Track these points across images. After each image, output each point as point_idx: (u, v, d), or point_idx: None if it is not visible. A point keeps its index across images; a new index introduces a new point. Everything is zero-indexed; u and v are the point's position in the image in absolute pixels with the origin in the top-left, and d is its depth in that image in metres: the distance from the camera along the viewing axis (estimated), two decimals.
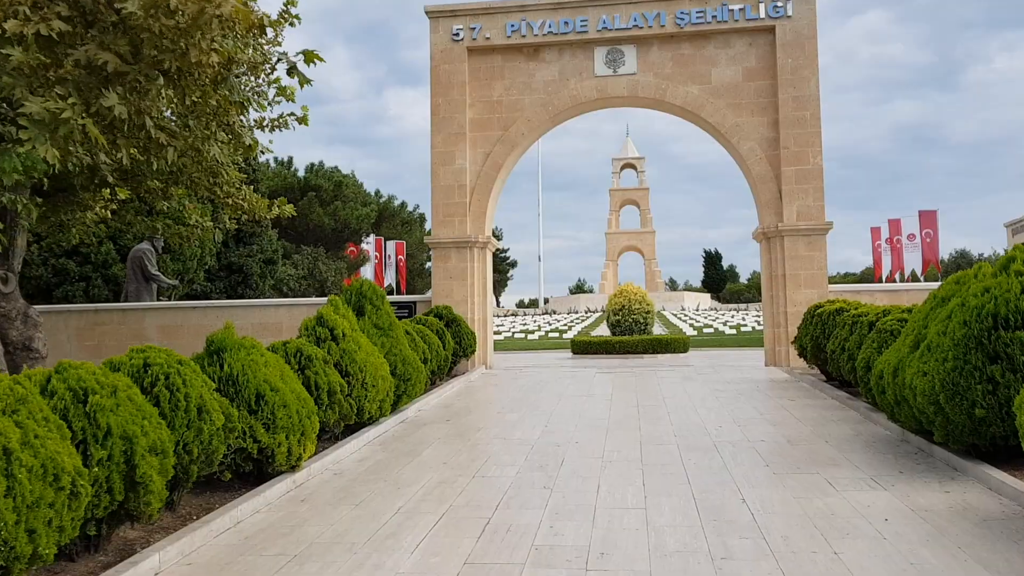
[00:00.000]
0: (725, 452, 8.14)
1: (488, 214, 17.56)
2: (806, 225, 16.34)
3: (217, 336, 7.23)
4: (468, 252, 17.30)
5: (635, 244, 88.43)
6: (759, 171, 16.77)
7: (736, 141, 16.88)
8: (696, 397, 12.24)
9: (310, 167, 54.22)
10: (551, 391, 13.45)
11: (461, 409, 11.67)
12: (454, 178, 17.41)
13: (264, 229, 36.68)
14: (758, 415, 10.47)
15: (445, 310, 15.83)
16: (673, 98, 17.06)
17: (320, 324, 9.46)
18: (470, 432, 9.69)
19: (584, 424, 10.05)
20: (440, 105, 17.53)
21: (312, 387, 8.22)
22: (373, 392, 9.31)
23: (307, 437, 7.28)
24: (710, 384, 13.97)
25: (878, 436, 8.77)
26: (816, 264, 16.38)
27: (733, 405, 11.37)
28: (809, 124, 16.53)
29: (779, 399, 11.84)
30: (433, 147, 17.51)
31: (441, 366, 13.73)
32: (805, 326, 13.64)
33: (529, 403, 12.05)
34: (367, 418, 9.39)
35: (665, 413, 10.79)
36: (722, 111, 16.95)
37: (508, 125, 17.51)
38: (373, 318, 10.33)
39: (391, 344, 10.32)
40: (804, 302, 16.24)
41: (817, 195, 16.45)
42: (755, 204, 17.38)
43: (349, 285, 10.60)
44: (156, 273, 19.74)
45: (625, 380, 14.81)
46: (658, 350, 25.27)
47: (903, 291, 16.46)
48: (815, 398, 11.80)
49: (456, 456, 8.29)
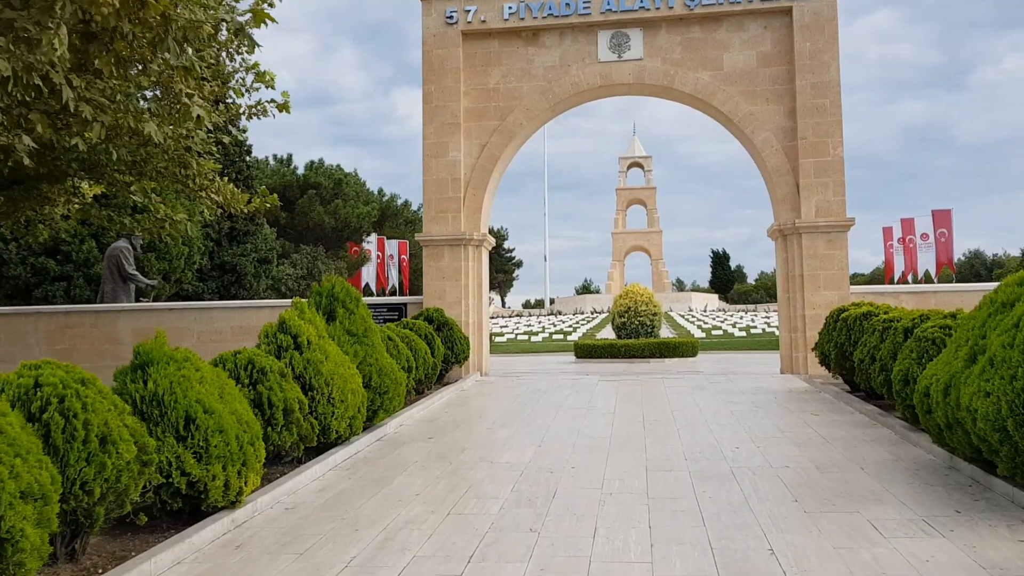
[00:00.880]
0: (745, 482, 6.97)
1: (484, 210, 16.41)
2: (825, 221, 15.13)
3: (145, 347, 6.10)
4: (462, 250, 16.15)
5: (642, 244, 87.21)
6: (775, 163, 15.58)
7: (750, 131, 15.69)
8: (708, 410, 11.07)
9: (310, 164, 53.16)
10: (549, 402, 12.29)
11: (447, 424, 10.52)
12: (447, 171, 16.26)
13: (259, 227, 35.59)
14: (779, 433, 9.29)
15: (436, 313, 14.69)
16: (682, 85, 15.88)
17: (282, 331, 8.33)
18: (453, 453, 8.54)
19: (583, 444, 8.88)
20: (432, 93, 16.38)
21: (265, 405, 7.08)
22: (341, 408, 8.17)
23: (250, 467, 6.13)
24: (723, 394, 12.79)
25: (921, 462, 7.59)
26: (836, 264, 15.18)
27: (750, 420, 10.19)
28: (829, 112, 15.33)
29: (800, 413, 10.66)
30: (425, 138, 16.37)
31: (429, 374, 12.59)
32: (827, 331, 12.44)
33: (523, 417, 10.90)
34: (335, 438, 8.24)
35: (674, 430, 9.62)
36: (735, 99, 15.76)
37: (505, 114, 16.35)
38: (346, 323, 9.18)
39: (366, 352, 9.18)
40: (823, 305, 15.05)
41: (837, 189, 15.25)
42: (770, 199, 16.19)
43: (320, 287, 9.46)
44: (133, 272, 18.64)
45: (630, 389, 13.64)
46: (665, 354, 24.09)
47: (930, 293, 15.25)
48: (841, 412, 10.61)
49: (432, 485, 7.14)
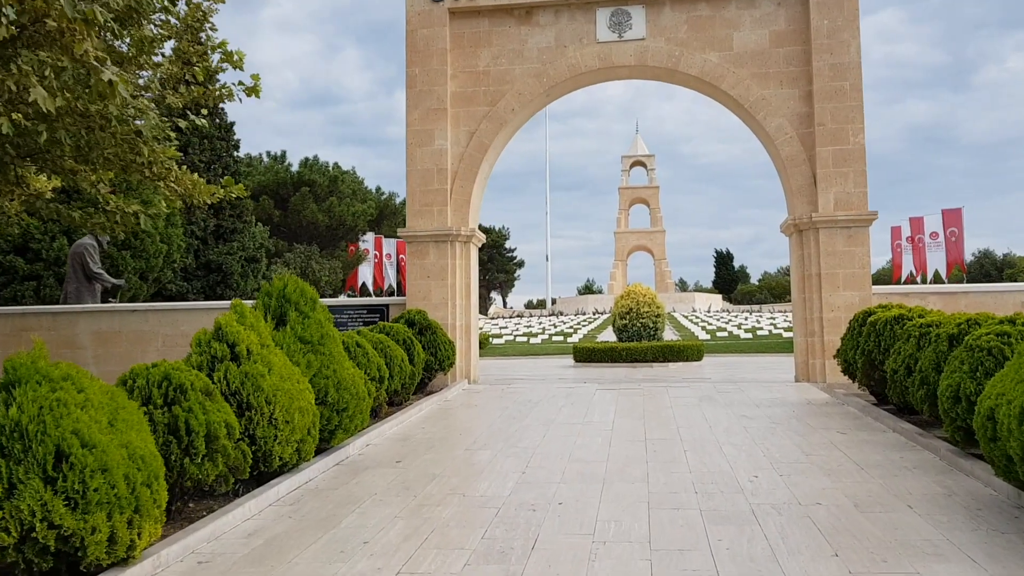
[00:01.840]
0: (770, 525, 5.66)
1: (473, 203, 15.11)
2: (845, 215, 13.82)
3: (15, 361, 4.82)
4: (449, 247, 14.85)
5: (645, 244, 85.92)
6: (789, 152, 14.26)
7: (762, 117, 14.37)
8: (719, 427, 9.75)
9: (304, 161, 51.89)
10: (540, 416, 10.99)
11: (422, 443, 9.22)
12: (432, 161, 14.97)
13: (247, 225, 34.32)
14: (803, 456, 7.98)
15: (418, 315, 13.39)
16: (688, 67, 14.57)
17: (218, 338, 7.05)
18: (420, 483, 7.24)
19: (574, 470, 7.58)
20: (417, 76, 15.09)
21: (182, 431, 5.79)
22: (286, 430, 6.87)
23: (145, 514, 4.84)
24: (734, 407, 11.48)
25: (981, 498, 6.28)
26: (857, 261, 13.86)
27: (768, 440, 8.88)
28: (849, 96, 14.02)
29: (825, 431, 9.34)
30: (408, 125, 15.08)
31: (406, 384, 11.29)
32: (852, 337, 11.13)
33: (509, 435, 9.59)
34: (279, 465, 6.95)
35: (681, 452, 8.31)
36: (745, 82, 14.45)
37: (496, 99, 15.05)
38: (298, 329, 7.88)
39: (321, 363, 7.88)
40: (843, 307, 13.74)
41: (859, 180, 13.93)
42: (784, 191, 14.88)
43: (269, 286, 8.15)
44: (99, 271, 17.35)
45: (631, 400, 12.33)
46: (669, 358, 22.77)
47: (960, 293, 13.93)
48: (871, 431, 9.29)
49: (387, 528, 5.84)
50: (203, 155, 32.43)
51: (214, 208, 32.87)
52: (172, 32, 12.65)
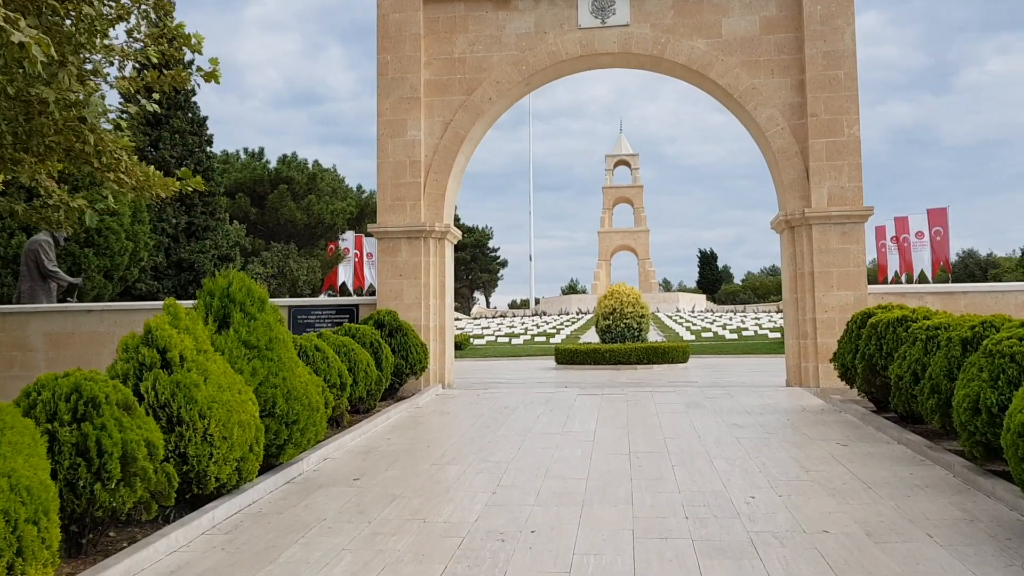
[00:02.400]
0: (772, 560, 4.92)
1: (448, 197, 14.31)
2: (840, 211, 13.13)
3: None
4: (422, 244, 14.05)
5: (628, 243, 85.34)
6: (781, 144, 13.56)
7: (752, 108, 13.67)
8: (709, 437, 9.01)
9: (282, 158, 50.86)
10: (516, 425, 10.22)
11: (386, 456, 8.42)
12: (405, 152, 14.16)
13: (220, 222, 33.35)
14: (802, 472, 7.25)
15: (388, 316, 12.58)
16: (675, 55, 13.84)
17: (147, 343, 6.23)
18: (378, 505, 6.45)
19: (550, 489, 6.81)
20: (388, 63, 14.28)
21: (92, 452, 4.97)
22: (223, 447, 6.06)
23: (31, 557, 4.02)
24: (724, 414, 10.75)
25: (1008, 523, 5.56)
26: (852, 259, 13.18)
27: (762, 452, 8.15)
28: (843, 86, 13.33)
29: (823, 443, 8.62)
30: (380, 115, 14.26)
31: (373, 390, 10.49)
32: (849, 340, 10.43)
33: (482, 446, 8.81)
34: (215, 487, 6.14)
35: (668, 467, 7.56)
36: (735, 71, 13.73)
37: (472, 88, 14.26)
38: (243, 332, 7.06)
39: (269, 370, 7.07)
40: (837, 307, 13.05)
41: (853, 173, 13.25)
42: (775, 186, 14.19)
43: (211, 284, 7.32)
44: (54, 269, 16.44)
45: (614, 407, 11.58)
46: (654, 360, 22.08)
47: (960, 293, 13.27)
48: (874, 442, 8.58)
49: (332, 564, 5.05)
50: (174, 150, 31.45)
51: (185, 205, 31.91)
52: (123, 12, 11.77)
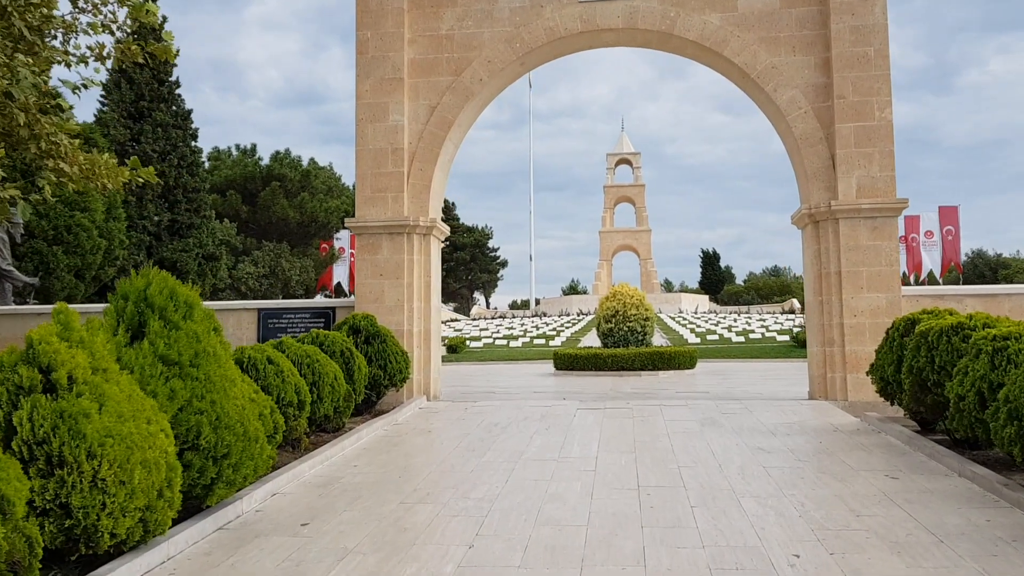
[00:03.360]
0: None
1: (434, 189, 12.95)
2: (870, 203, 11.77)
3: None
4: (405, 240, 12.69)
5: (630, 243, 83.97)
6: (803, 129, 12.20)
7: (771, 89, 12.30)
8: (731, 466, 7.64)
9: (275, 155, 49.46)
10: (506, 447, 8.85)
11: (347, 491, 7.05)
12: (387, 139, 12.80)
13: (205, 220, 31.94)
14: (852, 517, 5.88)
15: (364, 321, 11.22)
16: (685, 31, 12.47)
17: (28, 361, 4.88)
18: (324, 563, 5.08)
19: (542, 541, 5.44)
20: (368, 41, 12.92)
21: None
22: (121, 495, 4.71)
23: None
24: (745, 434, 9.38)
25: None
26: (884, 257, 11.81)
27: (798, 488, 6.77)
28: (873, 64, 11.97)
29: (870, 474, 7.25)
30: (358, 97, 12.90)
31: (341, 407, 9.11)
32: (891, 349, 9.06)
33: (462, 478, 7.44)
34: (111, 544, 4.77)
35: (686, 508, 6.19)
36: (752, 48, 12.37)
37: (461, 68, 12.90)
38: (160, 344, 5.69)
39: (193, 391, 5.70)
40: (867, 311, 11.69)
41: (885, 161, 11.89)
42: (796, 177, 12.82)
43: (126, 285, 5.94)
44: (8, 268, 15.10)
45: (619, 425, 10.21)
46: (659, 366, 20.71)
47: (1004, 296, 11.90)
48: (930, 474, 7.20)
49: None
50: (156, 144, 30.07)
51: (168, 201, 30.56)
52: None
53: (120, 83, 30.59)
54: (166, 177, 30.36)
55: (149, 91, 30.87)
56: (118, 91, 30.41)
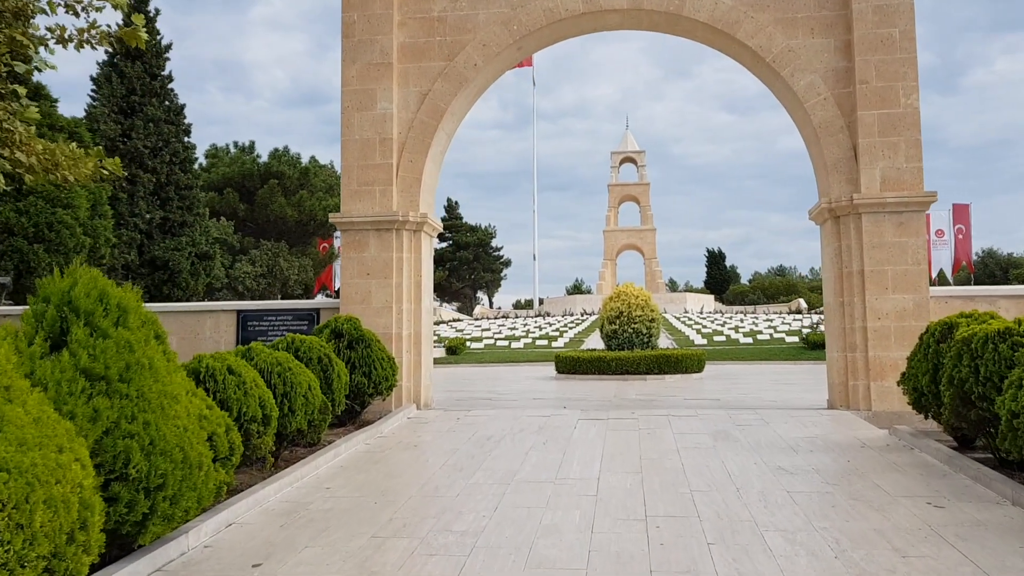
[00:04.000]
0: None
1: (425, 182, 12.10)
2: (896, 196, 10.88)
3: None
4: (394, 237, 11.83)
5: (634, 242, 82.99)
6: (823, 117, 11.31)
7: (788, 74, 11.42)
8: (751, 491, 6.76)
9: (274, 152, 48.61)
10: (498, 466, 7.98)
11: (314, 520, 6.19)
12: (374, 128, 11.95)
13: (198, 218, 31.14)
14: (898, 559, 5.00)
15: (347, 324, 10.37)
16: (695, 11, 11.59)
17: None
18: None
19: None
20: (355, 23, 12.07)
21: None
22: (17, 542, 3.85)
23: None
24: (763, 451, 8.50)
25: None
26: (911, 255, 10.93)
27: (830, 520, 5.89)
28: (899, 47, 11.08)
29: (910, 501, 6.36)
30: (344, 83, 12.05)
31: (316, 420, 8.25)
32: (925, 357, 8.17)
33: (447, 504, 6.57)
34: None
35: (702, 547, 5.32)
36: (767, 29, 11.49)
37: (454, 52, 12.05)
38: (83, 356, 4.84)
39: (121, 412, 4.84)
40: (893, 313, 10.80)
41: (911, 152, 11.00)
42: (814, 169, 11.95)
43: (46, 285, 5.09)
44: None
45: (623, 440, 9.34)
46: (665, 369, 19.83)
47: None
48: (980, 502, 6.31)
49: None
50: (148, 140, 29.28)
51: (160, 198, 29.76)
52: None
53: (111, 77, 29.82)
54: (158, 174, 29.58)
55: (141, 85, 30.09)
56: (108, 85, 29.63)
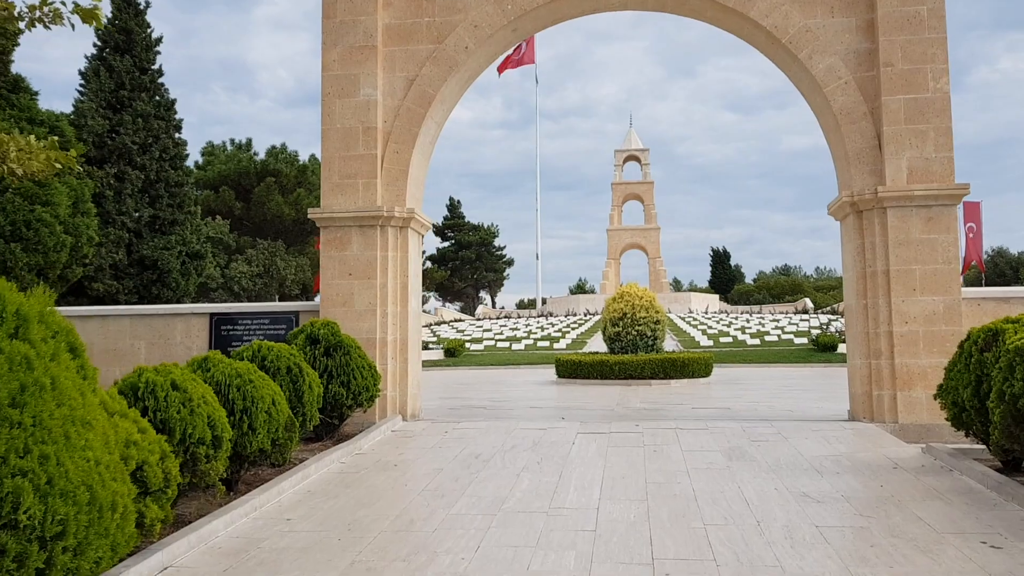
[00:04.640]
0: None
1: (412, 175, 11.21)
2: (924, 189, 9.97)
3: None
4: (379, 234, 10.94)
5: (638, 241, 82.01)
6: (843, 103, 10.40)
7: (806, 56, 10.51)
8: (774, 524, 5.84)
9: (271, 150, 47.71)
10: (485, 492, 7.08)
11: (263, 562, 5.29)
12: (357, 117, 11.06)
13: (189, 216, 30.25)
14: None
15: (324, 329, 9.47)
16: None
17: None
18: None
19: None
20: (336, 2, 11.18)
21: None
22: None
23: None
24: (784, 473, 7.59)
25: None
26: (941, 254, 10.01)
27: (870, 565, 4.96)
28: (927, 26, 10.17)
29: (959, 537, 5.45)
30: (325, 68, 11.17)
31: (281, 439, 7.34)
32: (966, 367, 7.26)
33: (422, 541, 5.67)
34: None
35: None
36: (783, 8, 10.59)
37: (444, 35, 11.15)
38: None
39: (12, 444, 3.94)
40: (921, 317, 9.89)
41: (941, 140, 10.09)
42: (834, 159, 11.04)
43: None
44: None
45: (627, 459, 8.43)
46: (671, 374, 18.91)
47: None
48: None
49: None
50: (137, 135, 28.41)
51: (149, 196, 28.88)
52: None
53: (99, 71, 28.98)
54: (147, 171, 28.72)
55: (130, 80, 29.24)
56: (96, 79, 28.79)
